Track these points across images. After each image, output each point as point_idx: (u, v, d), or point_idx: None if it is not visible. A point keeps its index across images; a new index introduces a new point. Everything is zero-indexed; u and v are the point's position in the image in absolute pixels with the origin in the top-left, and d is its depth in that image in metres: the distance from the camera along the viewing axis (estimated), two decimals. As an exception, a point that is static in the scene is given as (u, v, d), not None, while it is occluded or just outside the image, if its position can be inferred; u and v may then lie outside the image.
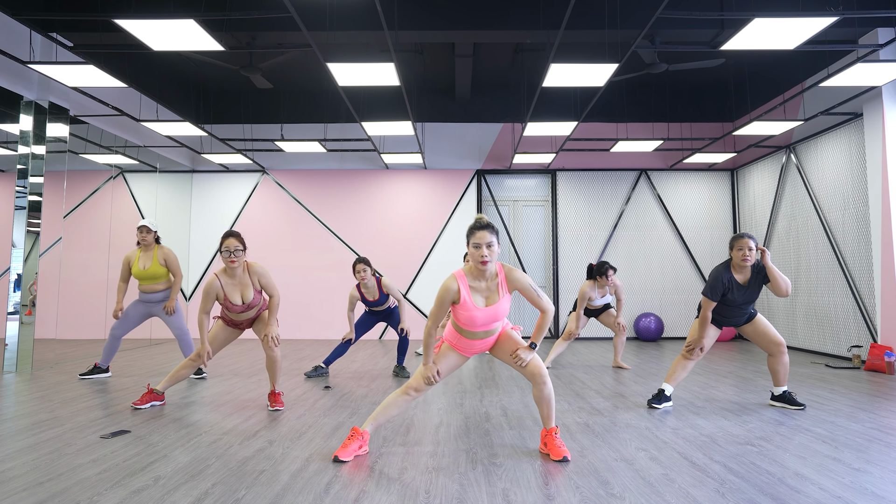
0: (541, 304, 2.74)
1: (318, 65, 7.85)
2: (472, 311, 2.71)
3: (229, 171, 9.10)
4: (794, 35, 4.32)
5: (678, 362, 3.98)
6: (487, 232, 2.64)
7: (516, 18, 5.59)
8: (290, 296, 8.87)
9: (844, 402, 4.15)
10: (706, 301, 3.82)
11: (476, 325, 2.77)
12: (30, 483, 2.44)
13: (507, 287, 2.74)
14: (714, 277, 3.78)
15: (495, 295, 2.74)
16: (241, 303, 3.84)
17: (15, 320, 5.63)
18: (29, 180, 5.77)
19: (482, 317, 2.73)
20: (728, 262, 3.82)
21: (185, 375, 3.96)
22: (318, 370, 5.26)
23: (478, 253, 2.64)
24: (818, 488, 2.39)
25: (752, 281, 3.78)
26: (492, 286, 2.73)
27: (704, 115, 8.75)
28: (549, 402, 2.86)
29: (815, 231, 7.03)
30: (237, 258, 3.73)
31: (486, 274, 2.71)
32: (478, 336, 2.84)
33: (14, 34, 5.25)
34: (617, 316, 5.81)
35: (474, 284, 2.73)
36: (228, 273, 3.81)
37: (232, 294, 3.82)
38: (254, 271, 3.86)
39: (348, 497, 2.29)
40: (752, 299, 3.83)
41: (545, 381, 2.83)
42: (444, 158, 8.96)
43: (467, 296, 2.71)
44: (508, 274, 2.74)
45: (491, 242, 2.64)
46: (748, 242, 3.68)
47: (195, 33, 4.28)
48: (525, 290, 2.74)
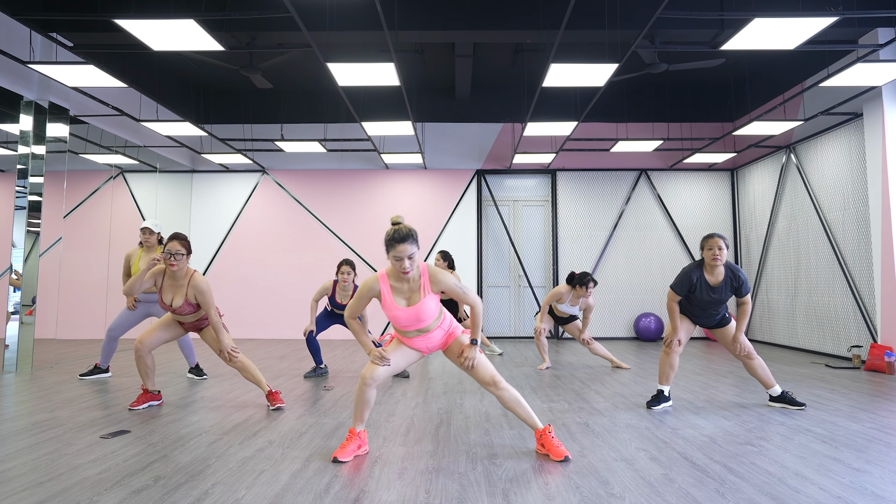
0: (467, 299, 2.76)
1: (318, 65, 7.85)
2: (393, 311, 2.76)
3: (229, 171, 9.10)
4: (794, 35, 4.32)
5: (662, 360, 4.01)
6: (407, 244, 2.63)
7: (516, 18, 5.59)
8: (290, 296, 8.87)
9: (844, 402, 4.15)
10: (671, 293, 3.89)
11: (400, 324, 2.81)
12: (30, 483, 2.44)
13: (429, 287, 2.76)
14: (684, 273, 3.84)
15: (417, 295, 2.75)
16: (169, 305, 3.81)
17: (15, 320, 5.63)
18: (29, 180, 5.77)
19: (404, 316, 2.76)
20: (701, 262, 3.85)
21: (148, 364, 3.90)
22: (316, 371, 5.26)
23: (399, 265, 2.66)
24: (818, 488, 2.39)
25: (722, 285, 3.81)
26: (414, 286, 2.76)
27: (704, 115, 8.75)
28: (518, 405, 2.87)
29: (815, 231, 7.03)
30: (177, 262, 3.70)
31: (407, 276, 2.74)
32: (410, 334, 2.87)
33: (14, 34, 5.25)
34: (582, 331, 5.79)
35: (396, 285, 2.76)
36: (169, 273, 3.79)
37: (165, 292, 3.81)
38: (193, 284, 3.77)
39: (348, 497, 2.29)
40: (720, 301, 3.86)
41: (498, 386, 2.85)
42: (444, 158, 8.96)
43: (388, 296, 2.75)
44: (432, 276, 2.75)
45: (412, 254, 2.65)
46: (718, 241, 3.71)
47: (195, 33, 4.28)
48: (450, 290, 2.76)
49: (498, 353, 6.88)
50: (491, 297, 8.94)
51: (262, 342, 8.22)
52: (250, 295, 8.88)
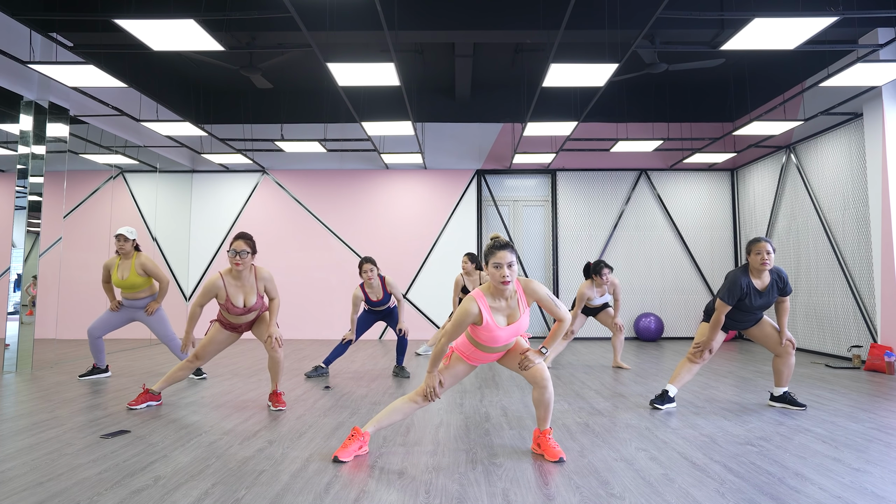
0: (558, 313, 2.74)
1: (318, 65, 7.85)
2: (494, 332, 2.69)
3: (229, 171, 9.10)
4: (794, 35, 4.32)
5: (683, 364, 3.96)
6: (508, 251, 2.63)
7: (516, 18, 5.59)
8: (290, 296, 8.87)
9: (844, 402, 4.15)
10: (722, 305, 3.76)
11: (499, 343, 2.76)
12: (30, 483, 2.44)
13: (526, 301, 2.74)
14: (732, 281, 3.72)
15: (517, 312, 2.72)
16: (243, 306, 3.81)
17: (15, 320, 5.63)
18: (29, 180, 5.77)
19: (505, 335, 2.73)
20: (746, 267, 3.77)
21: (182, 377, 3.94)
22: (318, 370, 5.26)
23: (499, 273, 2.62)
24: (818, 488, 2.39)
25: (770, 287, 3.74)
26: (512, 304, 2.72)
27: (704, 115, 8.75)
28: (548, 406, 2.86)
29: (815, 231, 7.03)
30: (242, 261, 3.70)
31: (505, 293, 2.69)
32: (497, 350, 2.84)
33: (14, 34, 5.25)
34: (614, 316, 5.81)
35: (494, 304, 2.71)
36: (233, 274, 3.77)
37: (234, 296, 3.79)
38: (261, 276, 3.84)
39: (348, 497, 2.29)
40: (768, 305, 3.80)
41: (546, 386, 2.82)
42: (444, 158, 8.96)
43: (489, 318, 2.68)
44: (526, 287, 2.73)
45: (511, 262, 2.63)
46: (766, 246, 3.64)
47: (195, 33, 4.28)
48: (543, 300, 2.73)
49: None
50: (491, 297, 8.92)
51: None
52: (250, 295, 8.87)
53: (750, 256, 3.72)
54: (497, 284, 2.64)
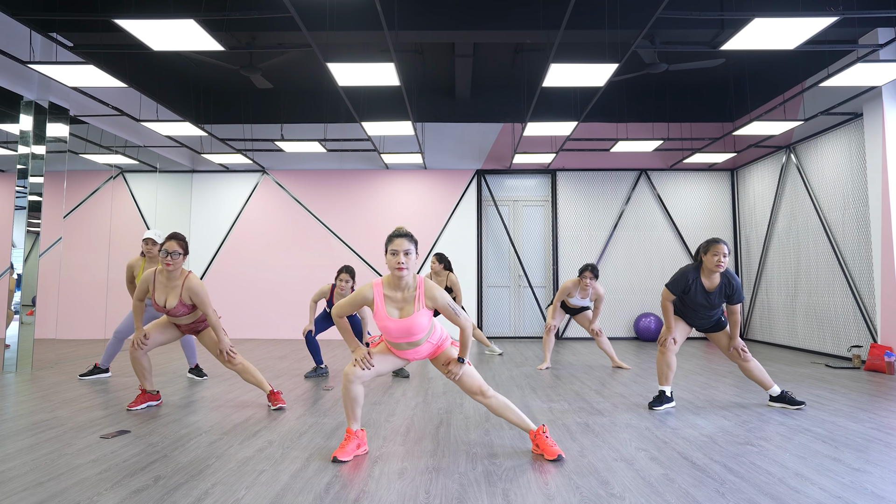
0: (458, 321, 2.76)
1: (318, 65, 7.85)
2: (384, 321, 2.74)
3: (229, 171, 9.10)
4: (794, 35, 4.32)
5: (658, 360, 4.02)
6: (406, 240, 2.66)
7: (516, 18, 5.59)
8: (290, 296, 8.87)
9: (844, 402, 4.15)
10: (665, 292, 3.91)
11: (390, 335, 2.78)
12: (30, 483, 2.44)
13: (423, 302, 2.74)
14: (680, 273, 3.83)
15: (410, 307, 2.73)
16: (163, 305, 3.78)
17: (15, 320, 5.62)
18: (29, 180, 5.77)
19: (395, 328, 2.74)
20: (698, 265, 3.83)
21: (144, 365, 3.88)
22: (317, 371, 5.26)
23: (394, 259, 2.65)
24: (818, 488, 2.39)
25: (717, 291, 3.80)
26: (408, 297, 2.73)
27: (704, 115, 8.75)
28: (508, 410, 2.88)
29: (815, 231, 7.03)
30: (174, 261, 3.68)
31: (401, 284, 2.72)
32: (401, 347, 2.84)
33: (14, 34, 5.25)
34: (592, 321, 5.80)
35: (390, 294, 2.74)
36: (164, 273, 3.76)
37: (158, 293, 3.78)
38: (187, 285, 3.74)
39: (348, 497, 2.29)
40: (712, 307, 3.86)
41: (486, 395, 2.85)
42: (444, 158, 8.96)
43: (381, 305, 2.74)
44: (427, 290, 2.74)
45: (409, 250, 2.66)
46: (723, 248, 3.69)
47: (195, 33, 4.28)
48: (441, 307, 2.74)
49: (498, 353, 6.88)
50: (491, 298, 8.94)
51: (262, 342, 8.22)
52: (250, 295, 8.88)
53: (706, 256, 3.76)
54: (392, 271, 2.68)
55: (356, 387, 2.84)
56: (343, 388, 2.85)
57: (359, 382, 2.84)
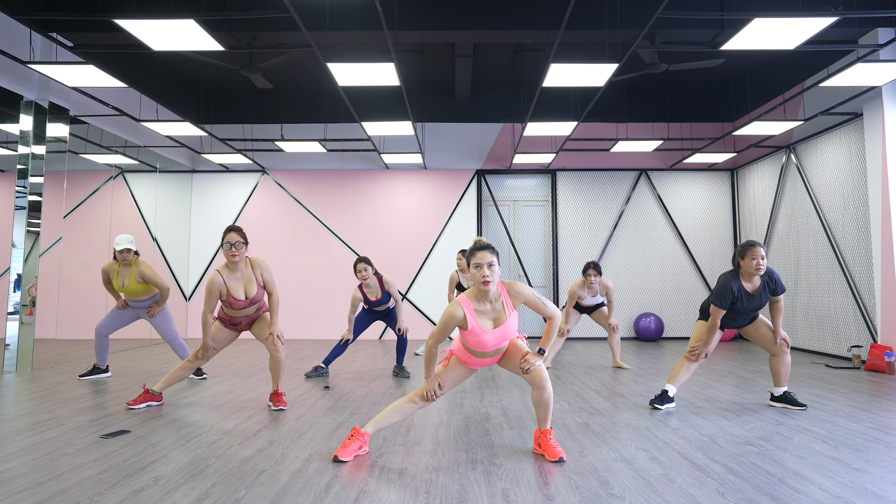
0: (546, 311, 2.74)
1: (318, 65, 7.85)
2: (480, 336, 2.71)
3: (229, 171, 9.10)
4: (794, 35, 4.32)
5: (681, 364, 3.96)
6: (488, 252, 2.64)
7: (516, 18, 5.59)
8: (290, 296, 8.87)
9: (844, 402, 4.15)
10: (715, 310, 3.76)
11: (487, 347, 2.76)
12: (30, 483, 2.44)
13: (512, 304, 2.73)
14: (722, 286, 3.71)
15: (502, 315, 2.72)
16: (245, 297, 3.82)
17: (15, 320, 5.62)
18: (29, 180, 5.77)
19: (492, 339, 2.73)
20: (737, 271, 3.75)
21: (183, 377, 3.95)
22: (318, 370, 5.26)
23: (479, 273, 2.63)
24: (818, 488, 2.39)
25: (761, 290, 3.74)
26: (497, 307, 2.72)
27: (704, 115, 8.75)
28: (548, 406, 2.86)
29: (815, 231, 7.03)
30: (238, 252, 3.72)
31: (489, 295, 2.70)
32: (489, 355, 2.83)
33: (14, 34, 5.25)
34: (608, 316, 5.81)
35: (479, 308, 2.72)
36: (230, 268, 3.78)
37: (235, 289, 3.79)
38: (257, 265, 3.86)
39: (348, 497, 2.29)
40: (761, 306, 3.80)
41: (545, 386, 2.83)
42: (444, 158, 8.96)
43: (474, 321, 2.70)
44: (510, 289, 2.73)
45: (492, 262, 2.63)
46: (760, 251, 3.63)
47: (195, 33, 4.28)
48: (529, 301, 2.73)
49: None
50: (491, 297, 8.92)
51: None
52: (250, 295, 8.87)
53: (744, 261, 3.69)
54: (478, 285, 2.66)
55: (411, 409, 2.85)
56: (401, 401, 2.86)
57: (417, 409, 2.86)
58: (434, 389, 2.81)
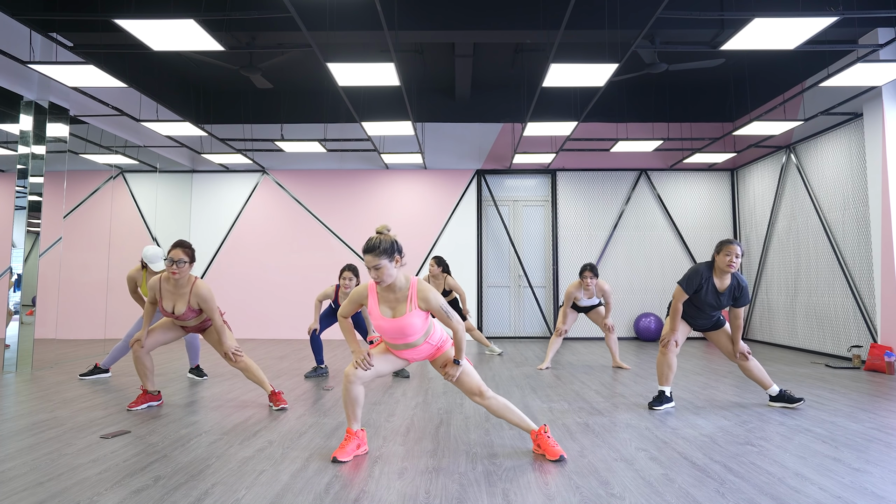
0: (450, 324, 2.75)
1: (318, 65, 7.85)
2: (378, 321, 2.76)
3: (229, 171, 9.10)
4: (794, 35, 4.32)
5: (659, 360, 4.01)
6: (371, 256, 2.63)
7: (516, 18, 5.59)
8: (290, 296, 8.87)
9: (844, 402, 4.15)
10: (679, 291, 3.88)
11: (385, 335, 2.80)
12: (30, 483, 2.44)
13: (416, 301, 2.73)
14: (693, 271, 3.82)
15: (403, 307, 2.73)
16: (172, 311, 3.81)
17: (15, 320, 5.62)
18: (29, 180, 5.77)
19: (388, 328, 2.74)
20: (711, 264, 3.84)
21: (147, 365, 3.89)
22: (317, 370, 5.26)
23: (370, 274, 2.68)
24: (818, 488, 2.39)
25: (727, 291, 3.82)
26: (400, 297, 2.74)
27: (704, 115, 8.75)
28: (508, 411, 2.87)
29: (815, 231, 7.03)
30: (179, 269, 3.68)
31: (393, 287, 2.73)
32: (397, 347, 2.85)
33: (14, 34, 5.25)
34: (605, 317, 5.81)
35: (384, 294, 2.76)
36: (170, 281, 3.78)
37: (166, 299, 3.79)
38: (196, 292, 3.76)
39: (348, 497, 2.29)
40: (719, 307, 3.87)
41: (484, 396, 2.85)
42: (444, 158, 8.96)
43: (374, 304, 2.77)
44: (420, 291, 2.72)
45: (378, 265, 2.62)
46: (736, 249, 3.70)
47: (195, 33, 4.28)
48: (434, 310, 2.74)
49: (497, 353, 6.88)
50: (491, 298, 8.94)
51: (262, 342, 8.22)
52: (250, 295, 8.88)
53: (718, 256, 3.77)
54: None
55: (356, 387, 2.84)
56: (343, 388, 2.86)
57: (359, 383, 2.84)
58: (363, 357, 2.83)
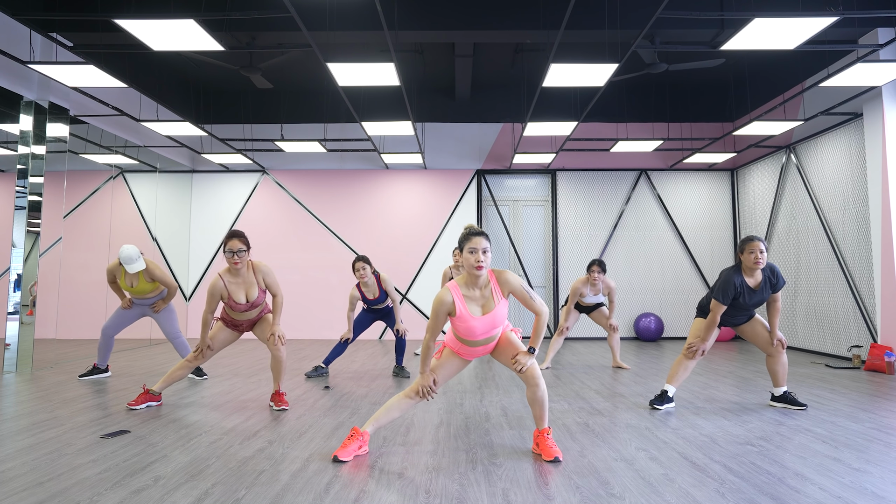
0: (534, 306, 2.74)
1: (318, 65, 7.85)
2: (469, 322, 2.72)
3: (229, 171, 9.10)
4: (794, 35, 4.32)
5: (679, 362, 3.97)
6: (483, 238, 2.67)
7: (516, 18, 5.59)
8: (290, 296, 8.87)
9: (844, 402, 4.15)
10: (717, 305, 3.77)
11: (476, 335, 2.76)
12: (30, 483, 2.44)
13: (501, 292, 2.74)
14: (725, 281, 3.73)
15: (491, 302, 2.73)
16: (245, 301, 3.83)
17: (15, 320, 5.62)
18: (29, 180, 5.77)
19: (480, 325, 2.74)
20: (738, 266, 3.78)
21: (182, 376, 3.95)
22: (318, 370, 5.26)
23: (473, 258, 2.65)
24: (818, 488, 2.39)
25: (763, 284, 3.76)
26: (486, 293, 2.74)
27: (704, 115, 8.75)
28: (543, 404, 2.87)
29: (815, 231, 7.03)
30: (240, 259, 3.72)
31: (479, 282, 2.72)
32: (479, 343, 2.84)
33: (14, 34, 5.25)
34: (609, 317, 5.81)
35: (468, 294, 2.74)
36: (232, 272, 3.80)
37: (236, 293, 3.81)
38: (259, 269, 3.85)
39: (348, 497, 2.29)
40: (762, 301, 3.82)
41: (538, 384, 2.84)
42: (444, 158, 8.96)
43: (463, 307, 2.71)
44: (500, 277, 2.74)
45: (486, 248, 2.66)
46: (759, 245, 3.66)
47: (195, 33, 4.28)
48: (518, 291, 2.74)
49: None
50: (491, 297, 8.92)
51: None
52: (250, 295, 8.87)
53: (743, 255, 3.74)
54: (471, 270, 2.67)
55: (406, 406, 2.86)
56: (397, 398, 2.87)
57: (412, 406, 2.86)
58: (429, 385, 2.81)
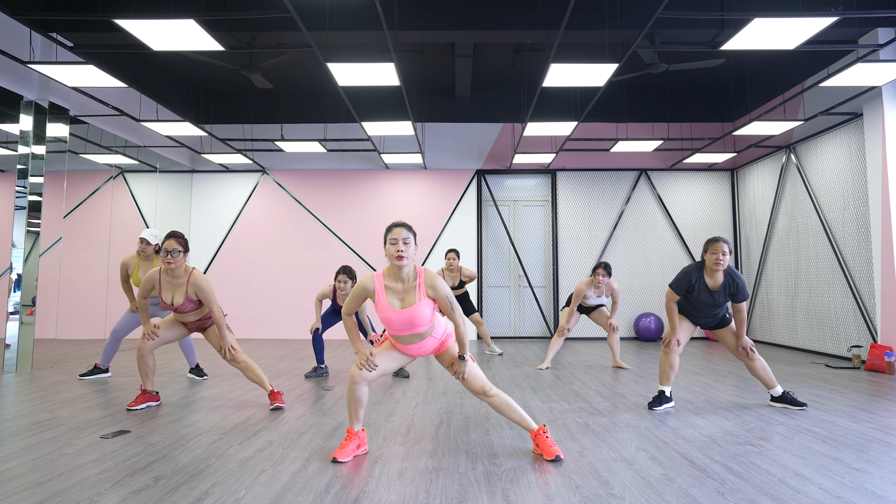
0: (453, 317, 2.79)
1: (318, 65, 7.85)
2: (386, 312, 2.74)
3: (229, 171, 9.10)
4: (794, 35, 4.32)
5: (662, 360, 4.01)
6: (404, 229, 2.70)
7: (516, 18, 5.59)
8: (290, 296, 8.87)
9: (844, 402, 4.15)
10: (669, 292, 3.92)
11: (393, 327, 2.78)
12: (30, 483, 2.44)
13: (424, 291, 2.74)
14: (683, 273, 3.85)
15: (411, 296, 2.73)
16: (170, 303, 3.82)
17: (15, 320, 5.62)
18: (29, 180, 5.77)
19: (397, 319, 2.74)
20: (701, 264, 3.86)
21: (150, 363, 3.91)
22: (317, 370, 5.26)
23: (394, 248, 2.68)
24: (818, 488, 2.39)
25: (721, 289, 3.83)
26: (409, 287, 2.74)
27: (704, 115, 8.75)
28: (510, 408, 2.88)
29: (815, 231, 7.03)
30: (174, 259, 3.71)
31: (401, 274, 2.73)
32: (405, 340, 2.84)
33: (14, 34, 5.25)
34: (610, 316, 5.82)
35: (391, 285, 2.76)
36: (167, 271, 3.79)
37: (164, 291, 3.81)
38: (192, 281, 3.79)
39: (348, 497, 2.29)
40: (717, 305, 3.88)
41: (489, 394, 2.86)
42: (444, 158, 8.96)
43: (382, 296, 2.74)
44: (427, 278, 2.75)
45: (407, 238, 2.69)
46: (722, 246, 3.72)
47: (195, 33, 4.28)
48: (440, 298, 2.75)
49: (498, 353, 6.88)
50: (491, 298, 8.93)
51: (263, 342, 8.22)
52: (250, 295, 8.88)
53: (706, 255, 3.80)
54: (392, 261, 2.70)
55: (361, 388, 2.84)
56: (348, 389, 2.85)
57: (364, 384, 2.84)
58: (366, 358, 2.81)
